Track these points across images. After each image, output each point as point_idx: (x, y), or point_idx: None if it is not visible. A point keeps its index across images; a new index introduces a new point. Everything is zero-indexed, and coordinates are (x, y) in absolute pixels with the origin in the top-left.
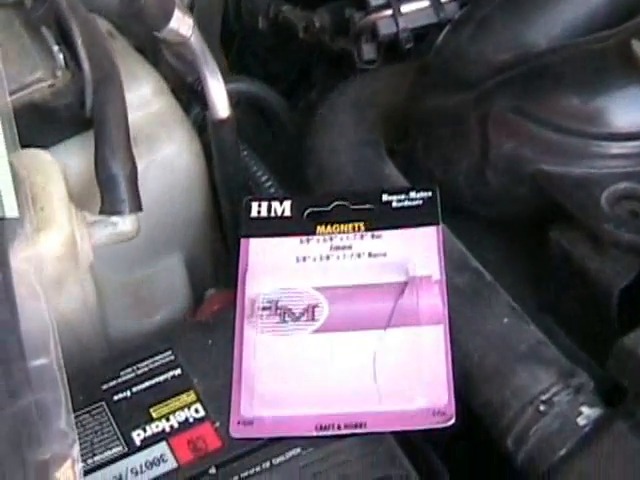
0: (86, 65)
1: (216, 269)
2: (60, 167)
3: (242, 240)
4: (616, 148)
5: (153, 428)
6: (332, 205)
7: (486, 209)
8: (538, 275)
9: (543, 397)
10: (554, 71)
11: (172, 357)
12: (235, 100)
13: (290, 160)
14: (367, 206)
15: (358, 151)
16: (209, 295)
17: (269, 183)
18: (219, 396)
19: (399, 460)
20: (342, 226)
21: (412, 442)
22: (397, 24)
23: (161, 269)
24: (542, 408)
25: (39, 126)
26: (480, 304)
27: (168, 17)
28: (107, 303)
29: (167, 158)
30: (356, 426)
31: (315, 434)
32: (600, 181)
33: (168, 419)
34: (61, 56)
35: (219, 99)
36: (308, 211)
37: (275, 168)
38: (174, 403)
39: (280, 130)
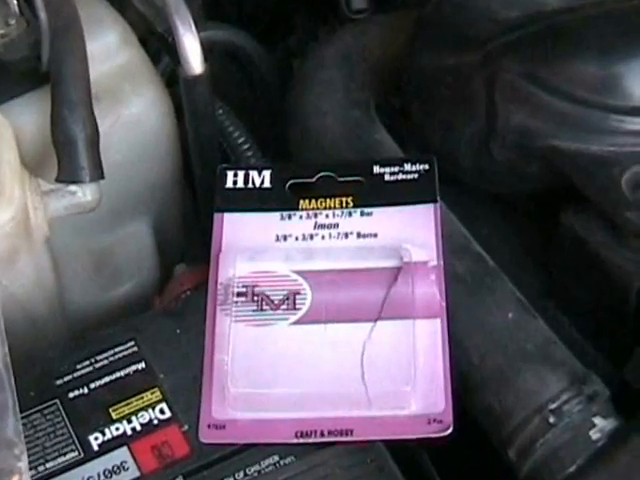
0: (42, 12)
1: (187, 242)
2: (11, 128)
3: (215, 214)
4: None
5: (113, 431)
6: (317, 176)
7: (489, 185)
8: (543, 259)
9: (552, 405)
10: (571, 33)
11: (135, 348)
12: (208, 48)
13: (271, 119)
14: (356, 178)
15: (346, 113)
16: (179, 272)
17: (247, 147)
18: (188, 395)
19: (390, 472)
20: (328, 201)
21: (404, 450)
22: None
23: (125, 237)
24: (551, 419)
25: None
26: (482, 295)
27: None
28: (65, 276)
29: (133, 116)
30: (342, 433)
31: (295, 441)
32: (621, 161)
33: (130, 421)
34: (15, 2)
35: (192, 54)
36: (290, 182)
37: (254, 129)
38: (137, 402)
39: (259, 84)
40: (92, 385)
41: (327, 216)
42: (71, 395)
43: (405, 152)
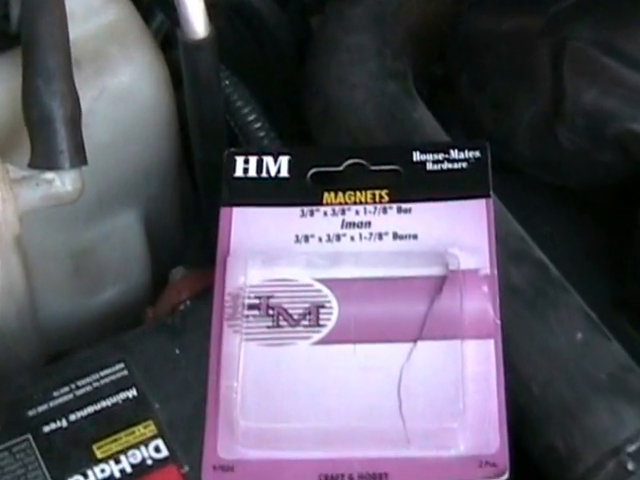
0: None
1: (187, 241)
2: None
3: (222, 209)
4: None
5: (98, 473)
6: (345, 164)
7: (552, 176)
8: (616, 265)
9: (630, 448)
10: None
11: (125, 372)
12: (211, 3)
13: (287, 92)
14: (392, 167)
15: (379, 86)
16: (176, 277)
17: (259, 125)
18: (188, 429)
19: None
20: (358, 194)
21: None
22: None
23: (111, 234)
24: (629, 465)
25: None
26: (544, 311)
27: None
28: (39, 281)
29: (122, 87)
30: (374, 477)
31: None
32: None
33: (118, 460)
34: None
35: (194, 13)
36: (312, 171)
37: (267, 104)
38: (127, 438)
39: (272, 48)
40: (72, 417)
41: (357, 213)
42: (46, 429)
43: (451, 135)
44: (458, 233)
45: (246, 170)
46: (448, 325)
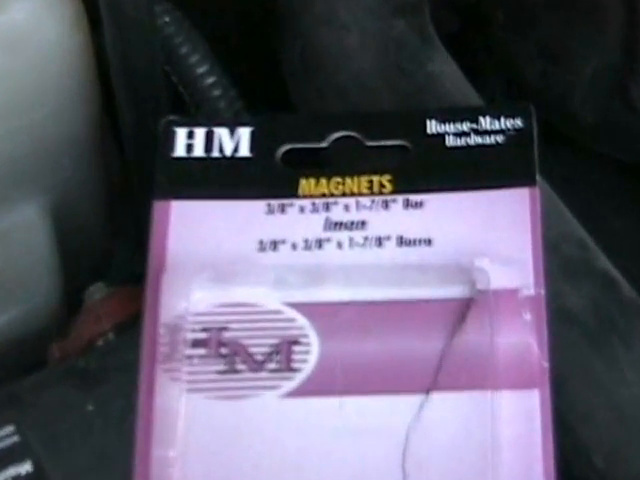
0: None
1: (110, 246)
2: None
3: (156, 203)
4: None
5: None
6: (331, 138)
7: (623, 150)
8: None
9: None
10: None
11: (16, 438)
12: None
13: (252, 33)
14: (398, 142)
15: (382, 25)
16: (94, 296)
17: (213, 82)
18: None
19: None
20: (349, 182)
21: None
22: None
23: (6, 232)
24: None
25: None
26: (612, 348)
27: None
28: None
29: (14, 27)
30: None
31: None
32: None
33: None
34: None
35: None
36: (284, 149)
37: (225, 50)
38: None
39: None
40: None
41: (347, 208)
42: None
43: (483, 96)
44: (490, 237)
45: (190, 147)
46: (474, 369)
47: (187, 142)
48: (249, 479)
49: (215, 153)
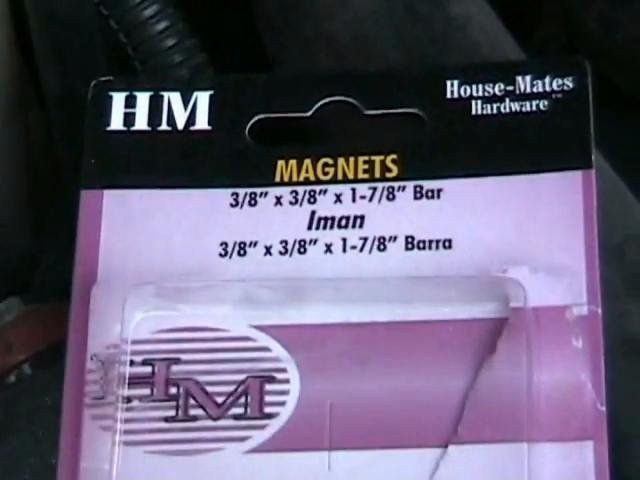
0: None
1: (31, 248)
2: None
3: (83, 192)
4: None
5: None
6: (318, 105)
7: None
8: None
9: None
10: None
11: None
12: None
13: None
14: (407, 110)
15: None
16: (6, 316)
17: (164, 27)
18: None
19: None
20: (342, 163)
21: None
22: None
23: None
24: None
25: None
26: None
27: None
28: None
29: None
30: None
31: None
32: None
33: None
34: None
35: None
36: (256, 119)
37: None
38: None
39: None
40: None
41: (339, 199)
42: None
43: (524, 49)
44: (529, 238)
45: (130, 118)
46: (506, 416)
47: (126, 111)
48: None
49: (163, 126)
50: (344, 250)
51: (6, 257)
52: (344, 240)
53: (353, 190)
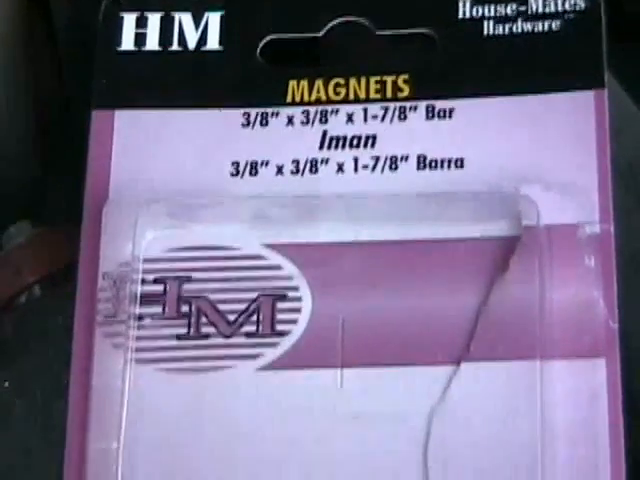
0: None
1: (34, 171)
2: None
3: (94, 113)
4: None
5: None
6: (329, 25)
7: None
8: None
9: None
10: None
11: None
12: None
13: None
14: (418, 31)
15: None
16: (15, 239)
17: None
18: None
19: None
20: (353, 83)
21: None
22: None
23: None
24: None
25: None
26: None
27: None
28: None
29: None
30: None
31: None
32: None
33: None
34: None
35: None
36: (267, 40)
37: None
38: None
39: None
40: None
41: (350, 119)
42: None
43: None
44: (541, 156)
45: (141, 39)
46: (519, 332)
47: (137, 31)
48: (216, 478)
49: (174, 46)
50: (355, 170)
51: (16, 183)
52: (356, 160)
53: (365, 110)
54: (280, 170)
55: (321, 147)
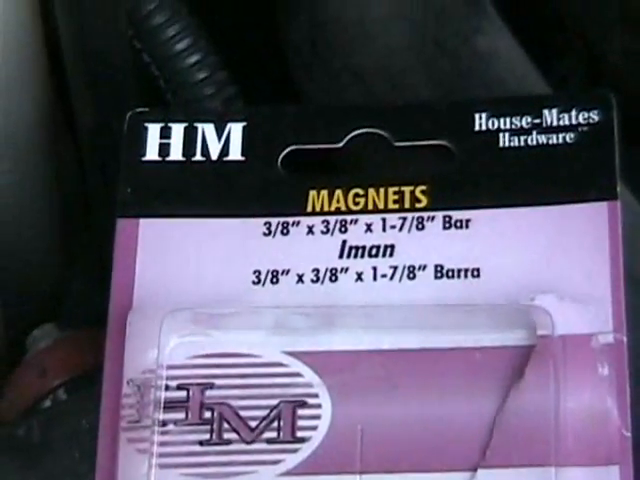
0: None
1: (62, 276)
2: None
3: (119, 221)
4: None
5: None
6: (349, 137)
7: None
8: None
9: None
10: None
11: None
12: None
13: None
14: (437, 142)
15: None
16: (39, 343)
17: (197, 60)
18: None
19: None
20: (372, 194)
21: None
22: None
23: None
24: None
25: None
26: None
27: None
28: None
29: None
30: None
31: None
32: None
33: None
34: None
35: None
36: (288, 151)
37: (213, 20)
38: None
39: None
40: None
41: (369, 229)
42: None
43: (550, 81)
44: (556, 267)
45: (165, 149)
46: (534, 440)
47: (161, 142)
48: None
49: (197, 156)
50: (374, 278)
51: (39, 285)
52: (374, 269)
53: (383, 220)
54: (301, 279)
55: (341, 256)
